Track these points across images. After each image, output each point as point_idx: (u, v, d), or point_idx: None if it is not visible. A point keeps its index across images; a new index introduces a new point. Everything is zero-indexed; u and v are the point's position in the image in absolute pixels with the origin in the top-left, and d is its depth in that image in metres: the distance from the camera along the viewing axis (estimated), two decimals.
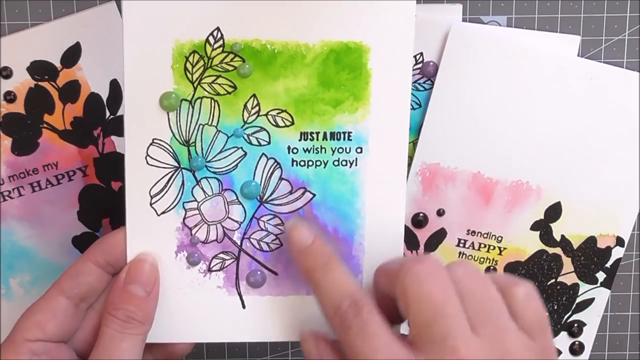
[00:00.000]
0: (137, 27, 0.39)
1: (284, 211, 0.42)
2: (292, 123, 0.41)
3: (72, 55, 0.49)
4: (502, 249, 0.50)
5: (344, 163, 0.41)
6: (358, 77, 0.41)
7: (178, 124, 0.40)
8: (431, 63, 0.48)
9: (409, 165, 0.49)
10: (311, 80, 0.41)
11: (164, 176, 0.41)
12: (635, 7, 0.49)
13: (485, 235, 0.50)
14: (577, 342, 0.52)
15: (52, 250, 0.51)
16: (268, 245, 0.42)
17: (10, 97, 0.49)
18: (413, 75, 0.48)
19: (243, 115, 0.41)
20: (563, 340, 0.52)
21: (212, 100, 0.40)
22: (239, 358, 0.53)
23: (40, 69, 0.49)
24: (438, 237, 0.50)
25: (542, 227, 0.50)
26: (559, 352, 0.52)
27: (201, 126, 0.41)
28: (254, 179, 0.41)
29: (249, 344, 0.53)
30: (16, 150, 0.50)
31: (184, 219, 0.41)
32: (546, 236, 0.50)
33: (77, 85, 0.50)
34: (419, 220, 0.49)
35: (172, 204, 0.41)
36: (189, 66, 0.40)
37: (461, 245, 0.50)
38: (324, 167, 0.41)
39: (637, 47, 0.49)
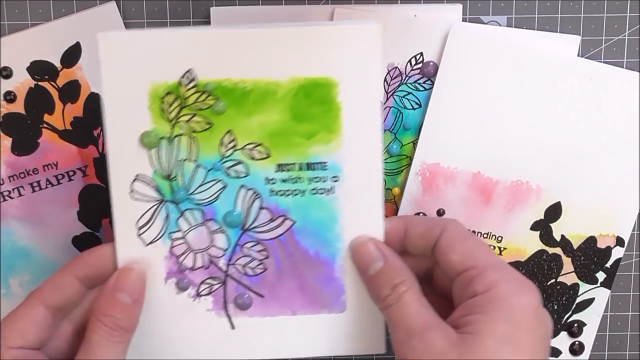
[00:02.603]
0: (114, 72, 0.41)
1: (266, 238, 0.44)
2: (269, 156, 0.43)
3: (72, 55, 0.49)
4: (502, 248, 0.50)
5: (321, 191, 0.43)
6: (329, 110, 0.42)
7: (159, 160, 0.43)
8: (431, 63, 0.48)
9: (409, 165, 0.49)
10: (284, 115, 0.42)
11: (149, 209, 0.43)
12: (635, 7, 0.49)
13: (485, 235, 0.50)
14: (577, 342, 0.52)
15: (52, 251, 0.51)
16: (253, 270, 0.44)
17: (10, 97, 0.49)
18: (414, 75, 0.48)
19: (220, 150, 0.43)
20: (563, 340, 0.52)
21: (190, 137, 0.43)
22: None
23: (40, 69, 0.49)
24: None
25: (542, 227, 0.50)
26: (559, 352, 0.52)
27: (181, 161, 0.43)
28: (235, 208, 0.43)
29: None
30: (16, 150, 0.50)
31: (171, 248, 0.44)
32: (546, 236, 0.50)
33: (77, 85, 0.50)
34: None
35: (158, 235, 0.43)
36: (165, 106, 0.42)
37: None
38: (302, 196, 0.43)
39: (637, 47, 0.49)
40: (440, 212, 0.49)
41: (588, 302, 0.51)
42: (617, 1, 0.49)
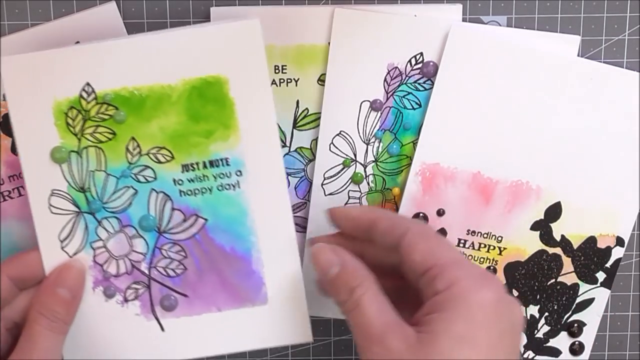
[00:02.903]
0: (17, 93, 0.43)
1: (182, 238, 0.45)
2: (173, 157, 0.45)
3: None
4: (502, 249, 0.50)
5: (227, 187, 0.45)
6: (223, 107, 0.44)
7: (71, 173, 0.44)
8: (431, 63, 0.48)
9: (409, 165, 0.49)
10: (181, 117, 0.44)
11: (68, 222, 0.45)
12: (635, 7, 0.49)
13: (485, 235, 0.50)
14: (577, 342, 0.52)
15: None
16: (174, 270, 0.46)
17: None
18: (414, 75, 0.48)
19: (127, 157, 0.45)
20: (563, 340, 0.52)
21: (97, 148, 0.44)
22: (239, 358, 0.53)
23: None
24: None
25: (542, 227, 0.50)
26: (559, 352, 0.52)
27: (92, 172, 0.45)
28: (149, 212, 0.45)
29: None
30: (16, 150, 0.50)
31: (94, 257, 0.45)
32: (546, 236, 0.50)
33: None
34: None
35: (80, 245, 0.45)
36: (70, 121, 0.44)
37: (461, 245, 0.50)
38: (210, 194, 0.45)
39: (637, 47, 0.49)
40: (440, 212, 0.49)
41: (588, 302, 0.51)
42: (617, 1, 0.49)
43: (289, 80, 0.48)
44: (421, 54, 0.48)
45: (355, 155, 0.49)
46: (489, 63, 0.47)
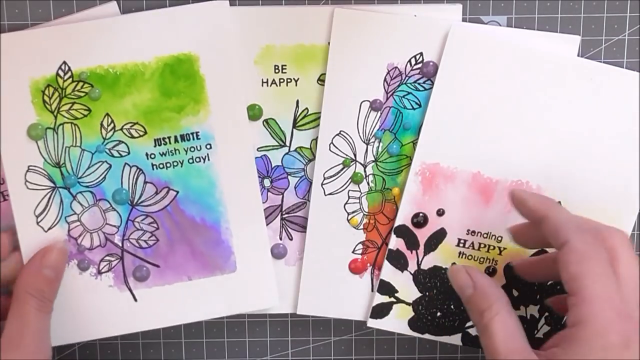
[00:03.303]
0: None
1: (154, 210, 0.48)
2: (145, 132, 0.47)
3: None
4: (502, 249, 0.50)
5: (197, 160, 0.47)
6: (194, 83, 0.47)
7: (47, 149, 0.46)
8: (431, 63, 0.48)
9: (409, 165, 0.49)
10: (154, 93, 0.47)
11: (44, 197, 0.47)
12: (635, 7, 0.49)
13: (485, 235, 0.50)
14: None
15: None
16: (146, 242, 0.48)
17: None
18: (413, 75, 0.48)
19: (102, 133, 0.47)
20: None
21: (73, 125, 0.46)
22: (239, 358, 0.53)
23: None
24: (438, 237, 0.50)
25: None
26: None
27: (67, 148, 0.47)
28: (122, 186, 0.47)
29: (249, 344, 0.53)
30: None
31: (69, 231, 0.47)
32: None
33: None
34: (418, 221, 0.49)
35: (55, 220, 0.47)
36: (46, 99, 0.46)
37: (461, 245, 0.50)
38: (181, 167, 0.47)
39: (637, 47, 0.49)
40: (440, 212, 0.49)
41: None
42: (617, 1, 0.49)
43: (288, 80, 0.48)
44: (421, 54, 0.48)
45: (355, 155, 0.49)
46: (489, 63, 0.47)
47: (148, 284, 0.48)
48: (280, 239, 0.50)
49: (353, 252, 0.50)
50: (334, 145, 0.49)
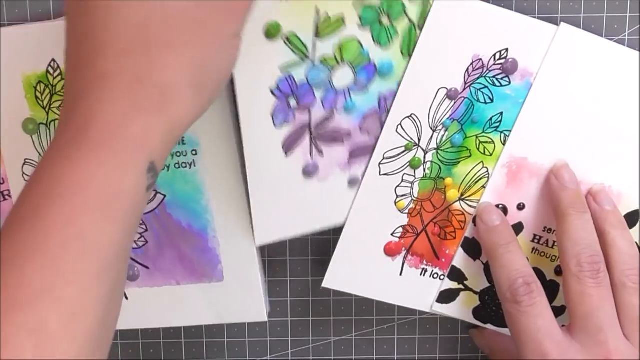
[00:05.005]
0: None
1: (143, 212, 0.46)
2: None
3: None
4: None
5: (184, 165, 0.47)
6: None
7: (41, 144, 0.47)
8: (511, 60, 0.46)
9: (468, 157, 0.48)
10: None
11: None
12: (635, 7, 0.49)
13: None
14: None
15: None
16: (136, 243, 0.48)
17: None
18: (494, 70, 0.46)
19: None
20: None
21: None
22: (239, 358, 0.53)
23: None
24: (514, 230, 0.48)
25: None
26: None
27: None
28: None
29: (249, 344, 0.53)
30: None
31: None
32: None
33: None
34: None
35: None
36: (38, 95, 0.46)
37: (536, 241, 0.49)
38: (168, 171, 0.47)
39: (637, 47, 0.49)
40: (521, 206, 0.48)
41: None
42: (617, 1, 0.49)
43: None
44: (507, 49, 0.47)
45: (419, 140, 0.48)
46: (592, 67, 0.46)
47: (139, 284, 0.48)
48: (311, 156, 0.47)
49: (392, 234, 0.49)
50: (401, 127, 0.47)
